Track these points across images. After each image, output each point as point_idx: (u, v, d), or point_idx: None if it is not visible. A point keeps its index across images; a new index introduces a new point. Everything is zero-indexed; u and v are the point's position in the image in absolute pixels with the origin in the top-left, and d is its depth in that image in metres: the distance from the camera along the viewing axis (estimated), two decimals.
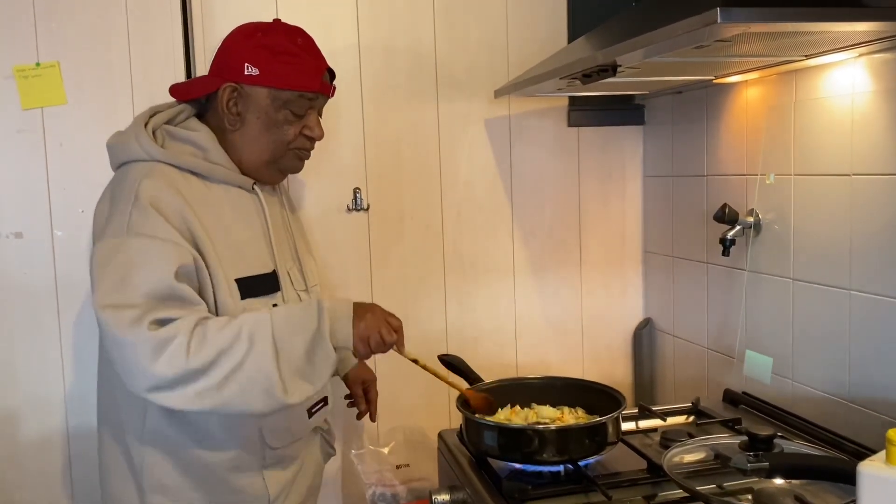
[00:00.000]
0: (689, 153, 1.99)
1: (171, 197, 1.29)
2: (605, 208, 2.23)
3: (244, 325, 1.23)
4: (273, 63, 1.37)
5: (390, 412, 2.07)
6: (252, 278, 1.37)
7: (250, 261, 1.39)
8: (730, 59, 1.48)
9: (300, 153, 1.46)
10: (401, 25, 2.02)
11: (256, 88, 1.38)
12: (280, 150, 1.43)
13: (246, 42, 1.39)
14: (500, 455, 1.43)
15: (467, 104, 2.09)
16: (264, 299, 1.39)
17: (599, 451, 1.41)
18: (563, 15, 2.12)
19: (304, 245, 1.61)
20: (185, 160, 1.35)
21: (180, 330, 1.19)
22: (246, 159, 1.42)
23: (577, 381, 1.65)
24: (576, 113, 2.18)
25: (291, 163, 1.47)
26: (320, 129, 1.45)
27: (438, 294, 2.12)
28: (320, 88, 1.42)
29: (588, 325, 2.26)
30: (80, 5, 1.80)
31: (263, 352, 1.21)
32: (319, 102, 1.45)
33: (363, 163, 2.03)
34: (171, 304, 1.22)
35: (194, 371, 1.18)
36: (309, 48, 1.42)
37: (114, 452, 1.39)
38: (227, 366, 1.19)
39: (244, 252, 1.39)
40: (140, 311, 1.19)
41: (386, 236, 2.06)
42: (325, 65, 1.44)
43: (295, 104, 1.39)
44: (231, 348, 1.20)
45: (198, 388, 1.19)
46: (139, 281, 1.21)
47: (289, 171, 1.50)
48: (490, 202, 2.14)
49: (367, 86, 2.01)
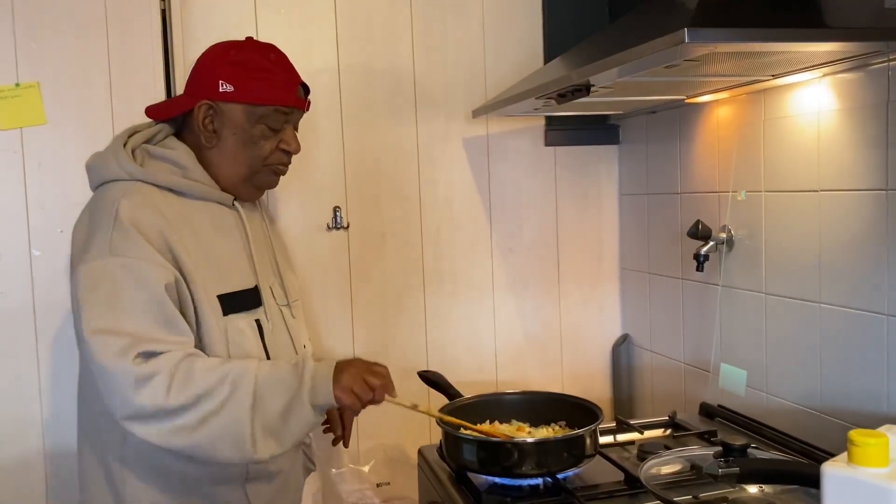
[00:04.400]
0: (664, 171, 2.03)
1: (151, 216, 1.29)
2: (582, 226, 2.26)
3: (230, 371, 1.24)
4: (247, 79, 1.38)
5: (370, 430, 2.07)
6: (234, 294, 1.38)
7: (232, 277, 1.39)
8: (700, 79, 1.52)
9: (276, 168, 1.47)
10: (379, 47, 2.06)
11: (232, 105, 1.39)
12: (257, 166, 1.43)
13: (219, 59, 1.41)
14: (480, 469, 1.44)
15: (446, 124, 2.12)
16: (247, 315, 1.39)
17: (577, 463, 1.42)
18: (538, 36, 2.16)
19: (284, 260, 1.62)
20: (164, 178, 1.36)
21: (163, 366, 1.20)
22: (224, 176, 1.43)
23: (555, 396, 1.67)
24: (553, 132, 2.22)
25: (267, 178, 1.47)
26: (297, 143, 1.46)
27: (418, 311, 2.14)
28: (295, 102, 1.43)
29: (567, 342, 2.28)
30: (60, 26, 1.81)
31: (242, 402, 1.23)
32: (295, 117, 1.46)
33: (343, 182, 2.05)
34: (158, 332, 1.23)
35: (172, 409, 1.20)
36: (282, 63, 1.43)
37: (94, 468, 1.38)
38: (204, 409, 1.21)
39: (225, 268, 1.39)
40: (127, 342, 1.20)
41: (366, 254, 2.08)
42: (298, 79, 1.45)
43: (270, 119, 1.40)
44: (212, 392, 1.22)
45: (173, 426, 1.21)
46: (126, 305, 1.22)
47: (265, 187, 1.51)
48: (469, 220, 2.17)
49: (346, 106, 2.04)
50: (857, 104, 1.39)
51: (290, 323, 1.51)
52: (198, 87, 1.41)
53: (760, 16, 1.23)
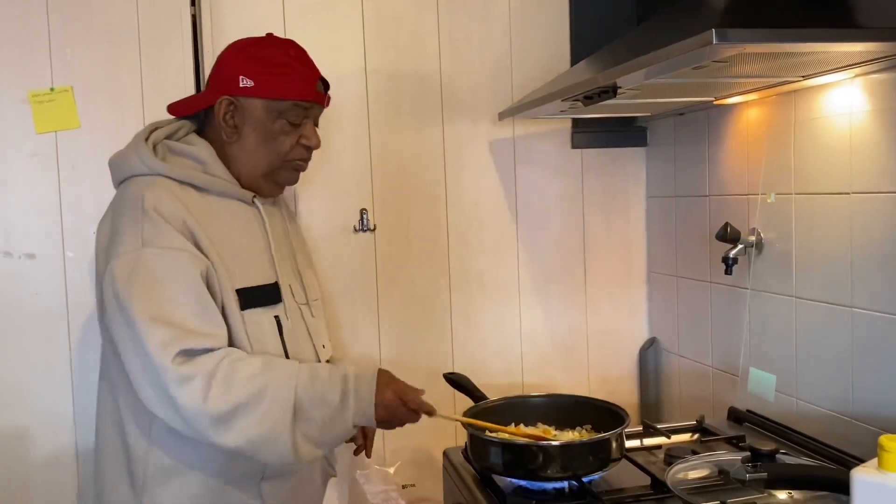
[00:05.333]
0: (692, 174, 2.02)
1: (175, 207, 1.31)
2: (609, 229, 2.25)
3: (269, 383, 1.27)
4: (267, 74, 1.39)
5: (396, 432, 2.07)
6: (253, 289, 1.39)
7: (251, 271, 1.40)
8: (729, 81, 1.51)
9: (297, 164, 1.47)
10: (406, 50, 2.07)
11: (252, 100, 1.40)
12: (277, 162, 1.44)
13: (239, 55, 1.42)
14: (504, 472, 1.44)
15: (472, 126, 2.13)
16: (265, 310, 1.40)
17: (603, 467, 1.41)
18: (565, 38, 2.16)
19: (304, 258, 1.62)
20: (185, 173, 1.38)
21: (203, 369, 1.24)
22: (244, 172, 1.44)
23: (581, 399, 1.66)
24: (579, 135, 2.21)
25: (288, 175, 1.48)
26: (317, 139, 1.46)
27: (444, 313, 2.14)
28: (314, 97, 1.43)
29: (593, 345, 2.27)
30: (93, 32, 1.85)
31: (282, 415, 1.27)
32: (314, 112, 1.46)
33: (370, 184, 2.06)
34: (197, 321, 1.27)
35: (210, 415, 1.23)
36: (301, 58, 1.43)
37: (113, 454, 1.39)
38: (243, 420, 1.25)
39: (245, 262, 1.40)
40: (170, 335, 1.23)
41: (392, 256, 2.09)
42: (317, 74, 1.45)
43: (290, 114, 1.41)
44: (250, 404, 1.25)
45: (208, 428, 1.25)
46: (166, 294, 1.26)
47: (286, 184, 1.51)
48: (495, 223, 2.17)
49: (373, 109, 2.05)
50: (891, 105, 1.36)
51: (309, 322, 1.51)
52: (219, 82, 1.42)
53: (791, 15, 1.22)
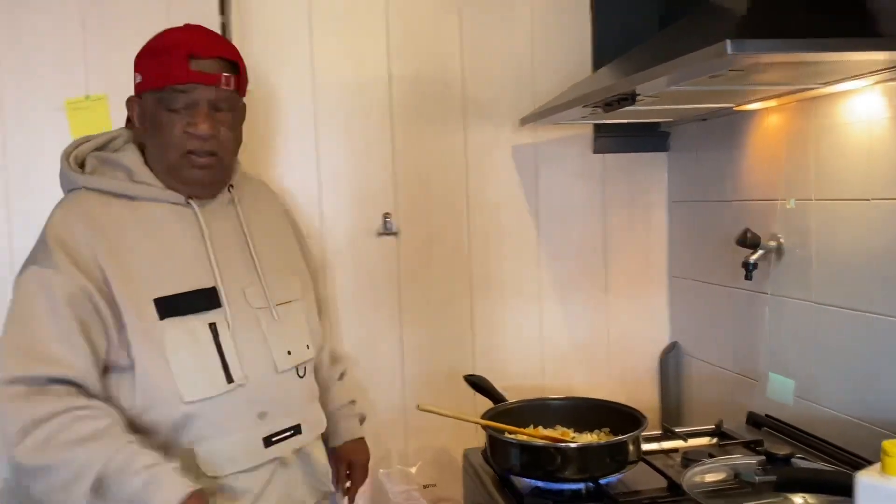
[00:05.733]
0: (713, 179, 2.02)
1: (77, 224, 1.30)
2: (631, 233, 2.26)
3: (83, 456, 1.18)
4: (148, 65, 1.35)
5: (418, 433, 2.11)
6: (179, 296, 1.32)
7: (178, 278, 1.34)
8: (747, 88, 1.52)
9: (192, 159, 1.35)
10: (429, 57, 2.10)
11: (146, 95, 1.36)
12: (174, 156, 1.35)
13: (138, 53, 1.40)
14: (523, 472, 1.46)
15: (494, 131, 2.15)
16: (198, 317, 1.33)
17: (620, 469, 1.43)
18: (587, 44, 2.17)
19: (279, 258, 1.52)
20: (109, 184, 1.36)
21: (34, 413, 1.19)
22: (157, 171, 1.38)
23: (599, 402, 1.68)
24: (601, 140, 2.22)
25: (188, 172, 1.36)
26: (206, 125, 1.33)
27: (466, 316, 2.17)
28: (188, 78, 1.31)
29: (614, 349, 2.28)
30: (127, 40, 1.87)
31: (77, 490, 1.17)
32: (199, 94, 1.33)
33: (393, 189, 2.09)
34: (57, 349, 1.23)
35: (14, 458, 1.19)
36: (182, 39, 1.35)
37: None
38: (41, 482, 1.19)
39: (170, 269, 1.34)
40: (17, 357, 1.22)
41: (415, 260, 2.12)
42: (202, 52, 1.34)
43: (170, 100, 1.33)
44: (52, 470, 1.18)
45: (9, 460, 1.21)
46: (32, 317, 1.25)
47: (190, 182, 1.38)
48: (517, 227, 2.19)
49: (397, 115, 2.09)
50: None
51: (267, 327, 1.41)
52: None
53: (810, 24, 1.22)
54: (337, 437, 1.67)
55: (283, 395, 1.42)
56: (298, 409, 1.45)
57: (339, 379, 1.73)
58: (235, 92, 1.39)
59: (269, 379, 1.39)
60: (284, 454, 1.41)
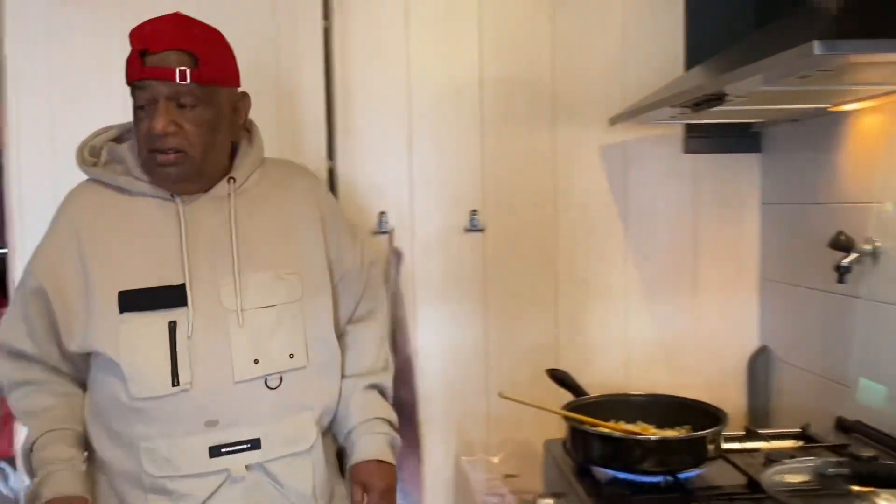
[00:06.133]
0: (807, 180, 1.99)
1: (70, 214, 1.38)
2: (721, 234, 2.25)
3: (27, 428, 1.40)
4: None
5: (502, 424, 2.17)
6: (140, 291, 1.31)
7: (145, 273, 1.32)
8: (841, 88, 1.50)
9: (156, 157, 1.32)
10: (521, 58, 2.14)
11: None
12: (143, 154, 1.34)
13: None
14: (602, 463, 1.50)
15: (583, 131, 2.18)
16: (157, 314, 1.31)
17: (699, 464, 1.45)
18: (679, 43, 2.17)
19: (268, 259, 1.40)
20: (107, 177, 1.39)
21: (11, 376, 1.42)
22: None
23: (681, 399, 1.69)
24: (692, 140, 2.21)
25: (154, 171, 1.35)
26: (160, 123, 1.28)
27: (550, 313, 2.20)
28: (141, 75, 1.29)
29: (701, 351, 2.26)
30: (236, 45, 2.03)
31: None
32: (158, 91, 1.29)
33: (481, 186, 2.16)
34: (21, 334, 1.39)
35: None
36: (139, 34, 1.31)
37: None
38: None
39: (139, 264, 1.33)
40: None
41: (501, 256, 2.17)
42: (156, 46, 1.29)
43: (135, 98, 1.32)
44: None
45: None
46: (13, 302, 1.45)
47: (160, 181, 1.36)
48: (603, 225, 2.21)
49: (486, 115, 2.15)
50: None
51: (233, 331, 1.33)
52: None
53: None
54: (351, 455, 1.49)
55: (240, 405, 1.33)
56: (260, 423, 1.34)
57: (366, 389, 1.53)
58: (199, 85, 1.30)
59: (222, 387, 1.32)
60: (234, 467, 1.32)
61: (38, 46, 1.96)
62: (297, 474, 1.37)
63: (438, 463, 2.17)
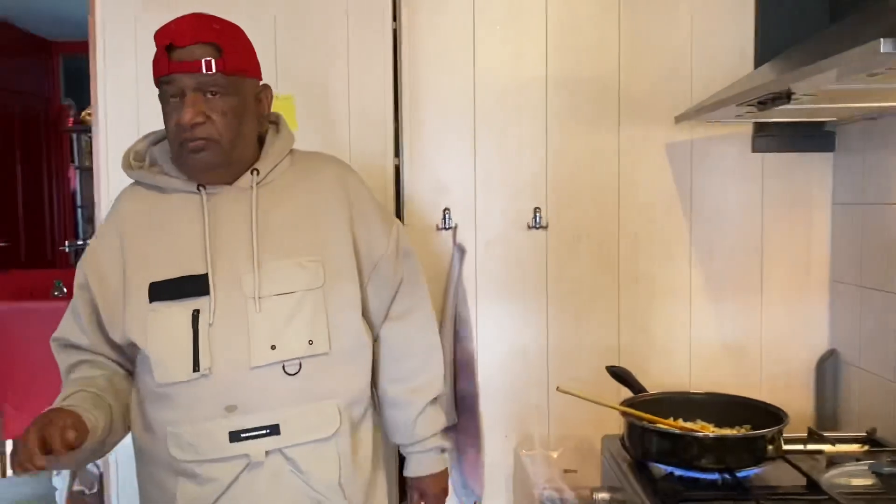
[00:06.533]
0: (880, 180, 1.94)
1: (117, 214, 1.47)
2: (790, 235, 2.21)
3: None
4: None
5: (562, 419, 2.19)
6: (167, 282, 1.37)
7: (172, 264, 1.39)
8: None
9: (186, 146, 1.36)
10: (587, 56, 2.16)
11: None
12: (174, 147, 1.40)
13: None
14: (659, 459, 1.51)
15: (648, 129, 2.18)
16: (182, 303, 1.36)
17: (758, 463, 1.45)
18: (749, 40, 2.14)
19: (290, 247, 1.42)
20: (145, 177, 1.45)
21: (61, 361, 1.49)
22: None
23: (741, 399, 1.69)
24: (761, 139, 2.19)
25: (186, 159, 1.39)
26: (187, 113, 1.33)
27: (612, 311, 2.21)
28: (170, 69, 1.33)
29: (767, 353, 2.23)
30: (311, 47, 2.13)
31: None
32: (185, 83, 1.34)
33: (544, 184, 2.18)
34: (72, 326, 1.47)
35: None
36: (164, 31, 1.35)
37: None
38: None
39: (168, 256, 1.39)
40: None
41: (563, 253, 2.19)
42: (181, 41, 1.33)
43: (162, 93, 1.37)
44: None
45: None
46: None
47: (193, 170, 1.41)
48: (668, 225, 2.20)
49: (552, 113, 2.17)
50: None
51: (252, 317, 1.36)
52: None
53: None
54: (408, 468, 1.60)
55: (258, 391, 1.36)
56: (279, 409, 1.36)
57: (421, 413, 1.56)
58: (224, 74, 1.34)
59: (239, 372, 1.35)
60: (253, 453, 1.35)
61: (125, 45, 2.11)
62: (320, 462, 1.38)
63: (498, 456, 2.21)
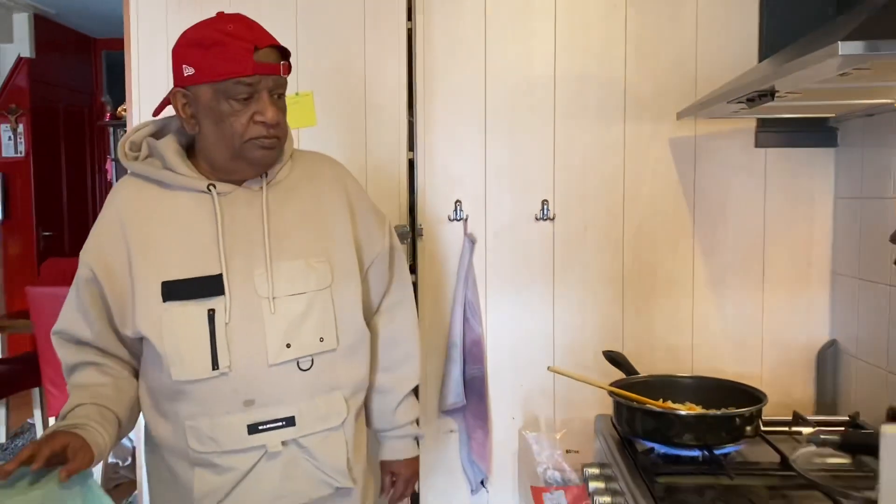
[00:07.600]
0: (878, 175, 2.00)
1: (116, 208, 1.44)
2: (792, 228, 2.26)
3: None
4: (205, 58, 1.35)
5: (566, 402, 2.28)
6: (182, 281, 1.38)
7: (187, 264, 1.40)
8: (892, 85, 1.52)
9: (259, 142, 1.39)
10: (594, 54, 2.24)
11: (199, 88, 1.37)
12: (236, 144, 1.39)
13: (181, 43, 1.40)
14: (644, 436, 1.60)
15: (653, 125, 2.25)
16: (198, 303, 1.38)
17: (735, 441, 1.53)
18: (754, 37, 2.20)
19: (299, 247, 1.46)
20: (147, 171, 1.44)
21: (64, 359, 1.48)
22: (215, 159, 1.43)
23: (726, 382, 1.76)
24: (764, 134, 2.24)
25: (253, 154, 1.40)
26: (272, 113, 1.37)
27: (616, 301, 2.29)
28: (254, 70, 1.34)
29: (768, 344, 2.29)
30: (329, 45, 2.25)
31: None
32: (264, 84, 1.37)
33: (552, 177, 2.27)
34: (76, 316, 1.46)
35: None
36: (237, 32, 1.36)
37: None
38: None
39: (181, 255, 1.40)
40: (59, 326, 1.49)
41: (569, 245, 2.28)
42: (260, 43, 1.36)
43: (233, 92, 1.35)
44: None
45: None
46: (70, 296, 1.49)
47: (256, 163, 1.43)
48: (672, 218, 2.27)
49: (559, 109, 2.26)
50: None
51: (267, 317, 1.40)
52: (173, 76, 1.42)
53: None
54: (383, 452, 1.68)
55: (275, 386, 1.41)
56: (294, 401, 1.42)
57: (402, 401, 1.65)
58: (286, 78, 1.42)
59: (258, 370, 1.40)
60: (270, 443, 1.41)
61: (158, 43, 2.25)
62: (331, 449, 1.46)
63: (505, 436, 2.32)
